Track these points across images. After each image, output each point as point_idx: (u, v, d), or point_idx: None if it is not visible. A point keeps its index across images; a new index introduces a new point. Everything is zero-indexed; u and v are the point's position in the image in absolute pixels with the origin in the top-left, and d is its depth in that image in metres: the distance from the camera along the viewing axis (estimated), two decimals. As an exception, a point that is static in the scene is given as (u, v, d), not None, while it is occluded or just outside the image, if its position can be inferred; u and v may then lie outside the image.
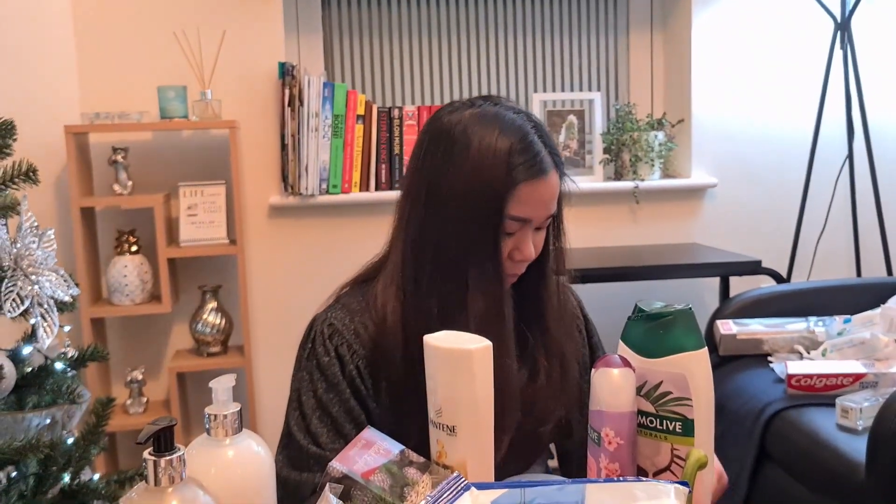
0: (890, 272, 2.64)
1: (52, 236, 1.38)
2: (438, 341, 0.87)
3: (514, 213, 1.06)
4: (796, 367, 1.93)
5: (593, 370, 0.89)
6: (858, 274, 2.72)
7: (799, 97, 2.80)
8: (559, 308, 1.20)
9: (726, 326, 2.21)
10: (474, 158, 1.06)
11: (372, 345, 1.12)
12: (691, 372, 0.88)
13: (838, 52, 2.60)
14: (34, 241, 1.33)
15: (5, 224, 1.34)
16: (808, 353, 2.11)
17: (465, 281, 1.07)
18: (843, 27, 2.57)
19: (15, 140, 1.41)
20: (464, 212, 1.06)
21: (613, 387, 0.87)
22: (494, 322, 1.07)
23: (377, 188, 2.58)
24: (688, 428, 0.88)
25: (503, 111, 1.10)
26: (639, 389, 0.90)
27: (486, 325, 1.04)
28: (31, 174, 1.37)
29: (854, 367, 1.91)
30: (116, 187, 2.37)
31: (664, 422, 0.89)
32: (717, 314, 2.32)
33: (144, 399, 2.43)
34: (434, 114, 1.14)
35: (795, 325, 2.20)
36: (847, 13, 2.56)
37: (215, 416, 0.79)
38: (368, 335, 1.12)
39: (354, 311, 1.14)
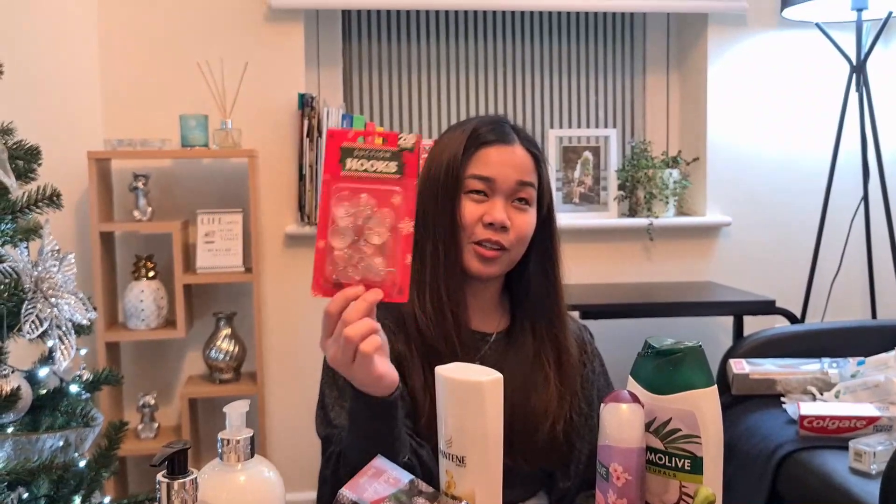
0: (905, 315, 2.62)
1: (73, 260, 1.40)
2: (449, 372, 0.88)
3: (475, 172, 1.16)
4: (809, 408, 1.92)
5: (602, 405, 0.90)
6: (874, 316, 2.71)
7: (814, 138, 2.82)
8: (557, 308, 1.24)
9: (739, 366, 2.20)
10: (446, 138, 1.22)
11: (394, 336, 1.15)
12: (700, 409, 0.88)
13: (854, 95, 2.61)
14: (55, 265, 1.35)
15: (27, 247, 1.37)
16: (822, 394, 2.10)
17: (435, 240, 1.16)
18: (858, 70, 2.59)
19: (40, 165, 1.44)
20: (435, 181, 1.18)
21: (622, 422, 0.88)
22: (453, 275, 1.16)
23: (392, 219, 2.60)
24: (696, 465, 0.88)
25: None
26: (648, 426, 0.90)
27: (448, 277, 1.15)
28: (54, 199, 1.39)
29: (868, 410, 1.90)
30: (136, 213, 2.40)
31: (673, 459, 0.89)
32: (731, 353, 2.31)
33: (156, 424, 2.44)
34: None
35: (809, 367, 2.18)
36: (863, 56, 2.58)
37: (228, 440, 0.80)
38: (390, 329, 1.16)
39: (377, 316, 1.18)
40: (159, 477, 0.71)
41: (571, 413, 1.20)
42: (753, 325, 2.55)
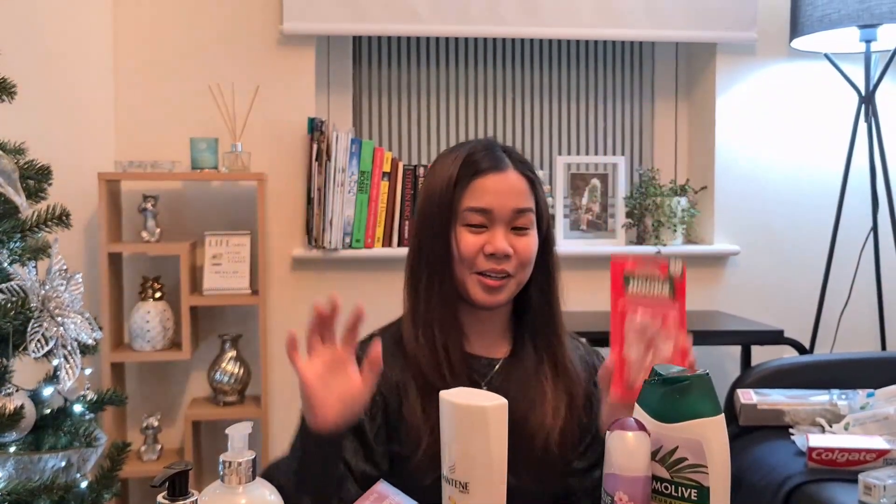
0: (915, 347, 2.60)
1: (80, 280, 1.41)
2: (453, 397, 0.87)
3: (472, 204, 1.15)
4: (818, 440, 1.90)
5: (608, 432, 0.89)
6: (883, 347, 2.68)
7: (823, 168, 2.81)
8: (555, 326, 1.24)
9: (747, 396, 2.18)
10: (438, 166, 1.20)
11: (388, 367, 1.15)
12: (707, 439, 0.87)
13: (862, 125, 2.61)
14: (62, 284, 1.36)
15: (35, 266, 1.37)
16: (831, 426, 2.07)
17: (430, 271, 1.18)
18: (867, 100, 2.59)
19: (50, 184, 1.46)
20: (429, 211, 1.18)
21: (628, 450, 0.87)
22: (446, 307, 1.17)
23: (399, 244, 2.60)
24: (703, 496, 0.87)
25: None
26: (654, 454, 0.89)
27: (441, 308, 1.16)
28: (63, 218, 1.41)
29: (877, 443, 1.87)
30: (144, 234, 2.41)
31: (679, 488, 0.88)
32: (738, 383, 2.29)
33: (159, 446, 2.43)
34: None
35: (818, 398, 2.16)
36: (871, 86, 2.58)
37: (230, 462, 0.80)
38: (392, 373, 1.16)
39: (386, 346, 1.17)
40: (160, 498, 0.70)
41: (568, 424, 1.20)
42: (761, 355, 2.54)
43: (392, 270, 2.63)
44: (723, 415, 0.89)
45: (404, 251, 2.83)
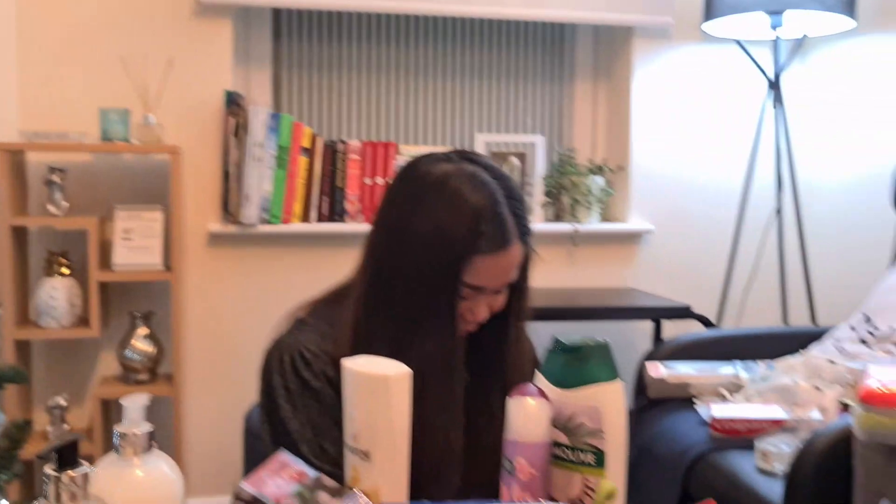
0: (814, 321, 2.72)
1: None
2: (356, 366, 0.88)
3: (470, 282, 1.08)
4: (720, 410, 1.97)
5: (508, 399, 0.90)
6: (785, 322, 2.80)
7: (732, 151, 2.91)
8: (518, 357, 1.23)
9: (656, 370, 2.25)
10: (440, 217, 1.07)
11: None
12: (605, 404, 0.90)
13: (770, 110, 2.71)
14: (-45, 256, 1.30)
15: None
16: (732, 395, 2.16)
17: (416, 328, 1.08)
18: (774, 86, 2.69)
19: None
20: (421, 264, 1.07)
21: (528, 417, 0.89)
22: (442, 373, 1.09)
23: (318, 220, 2.58)
24: (600, 459, 0.90)
25: (479, 172, 1.10)
26: (553, 420, 0.91)
27: (434, 374, 1.07)
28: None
29: (775, 412, 1.96)
30: (51, 207, 2.32)
31: (577, 453, 0.91)
32: (649, 357, 2.35)
33: (66, 426, 2.36)
34: (412, 160, 1.14)
35: (723, 370, 2.24)
36: (778, 72, 2.67)
37: (125, 434, 0.78)
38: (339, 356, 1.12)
39: (325, 333, 1.13)
40: (46, 469, 0.69)
41: None
42: (673, 329, 2.62)
43: (311, 247, 2.61)
44: (620, 381, 0.92)
45: (323, 227, 2.79)
